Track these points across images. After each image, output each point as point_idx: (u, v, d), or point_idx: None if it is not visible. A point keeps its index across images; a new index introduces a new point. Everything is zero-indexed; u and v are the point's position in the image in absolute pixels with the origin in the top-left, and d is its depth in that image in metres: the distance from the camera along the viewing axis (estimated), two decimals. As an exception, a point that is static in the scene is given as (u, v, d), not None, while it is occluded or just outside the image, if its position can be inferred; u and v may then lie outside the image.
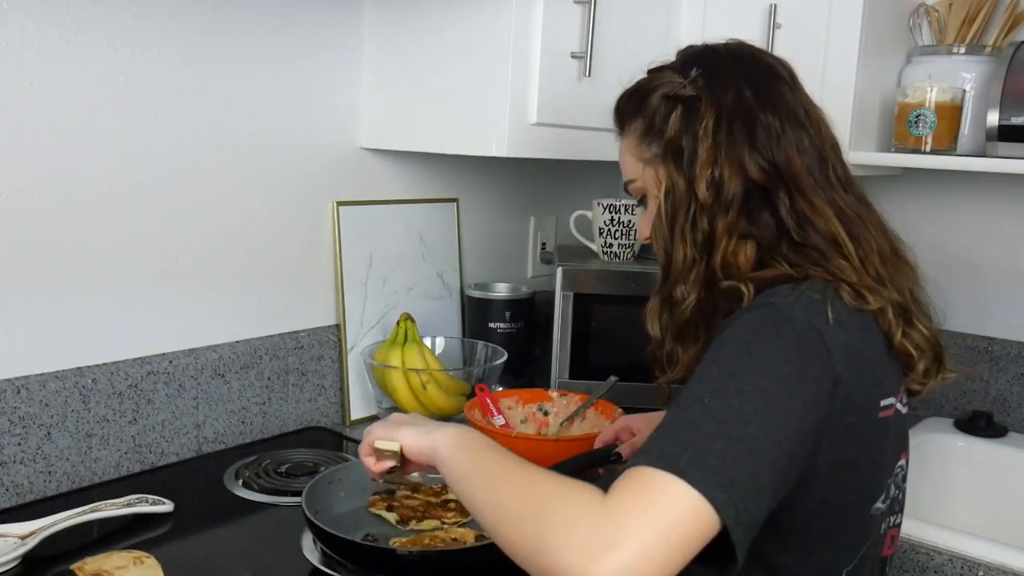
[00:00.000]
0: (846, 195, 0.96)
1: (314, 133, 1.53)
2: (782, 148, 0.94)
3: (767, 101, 0.96)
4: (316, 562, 1.07)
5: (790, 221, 0.93)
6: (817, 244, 0.92)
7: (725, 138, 0.94)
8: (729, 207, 0.94)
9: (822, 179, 0.95)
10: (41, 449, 1.22)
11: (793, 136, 0.95)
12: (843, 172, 0.98)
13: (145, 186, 1.32)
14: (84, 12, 1.21)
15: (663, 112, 0.99)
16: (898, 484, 0.96)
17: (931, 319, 0.97)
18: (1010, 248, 1.74)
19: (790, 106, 0.96)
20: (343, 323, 1.59)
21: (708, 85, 0.97)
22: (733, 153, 0.94)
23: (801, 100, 0.98)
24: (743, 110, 0.95)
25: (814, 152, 0.96)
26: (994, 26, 1.68)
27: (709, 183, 0.94)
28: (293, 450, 1.43)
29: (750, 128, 0.94)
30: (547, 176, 2.00)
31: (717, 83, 0.97)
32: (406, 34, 1.52)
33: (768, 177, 0.94)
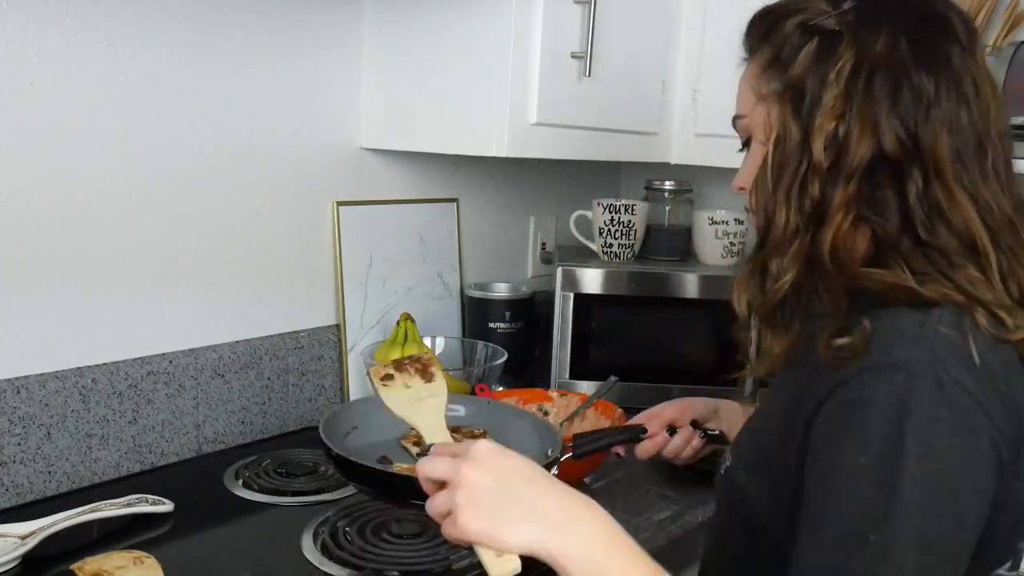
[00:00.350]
0: (1000, 194, 0.80)
1: (314, 133, 1.53)
2: (930, 119, 0.78)
3: (926, 58, 0.79)
4: (316, 562, 1.07)
5: (919, 211, 0.78)
6: (947, 246, 0.78)
7: (862, 90, 0.79)
8: (850, 177, 0.79)
9: (974, 168, 0.79)
10: (41, 449, 1.22)
11: (948, 108, 0.78)
12: (1004, 167, 0.82)
13: (145, 186, 1.32)
14: (84, 12, 1.21)
15: (795, 42, 0.83)
16: None
17: None
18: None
19: (955, 71, 0.79)
20: (343, 323, 1.59)
21: (858, 22, 0.81)
22: (867, 111, 0.78)
23: (972, 68, 0.81)
24: (893, 62, 0.79)
25: (972, 134, 0.79)
26: (994, 26, 1.68)
27: (829, 141, 0.79)
28: (293, 450, 1.43)
29: (895, 86, 0.78)
30: (547, 176, 2.00)
31: (870, 22, 0.80)
32: (406, 34, 1.52)
33: (904, 151, 0.78)
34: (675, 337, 1.68)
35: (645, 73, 1.64)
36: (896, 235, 0.79)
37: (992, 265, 0.78)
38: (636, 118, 1.62)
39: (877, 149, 0.78)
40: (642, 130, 1.65)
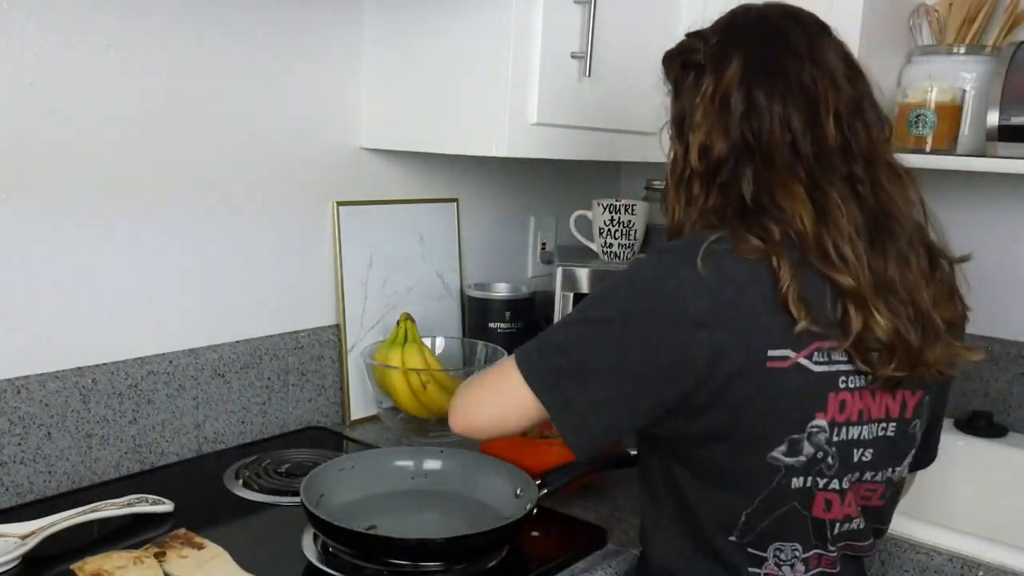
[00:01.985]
0: (835, 173, 0.97)
1: (314, 133, 1.53)
2: (765, 123, 0.97)
3: (764, 74, 0.98)
4: (316, 561, 1.07)
5: (749, 192, 0.97)
6: (770, 213, 0.96)
7: (718, 107, 0.99)
8: (715, 172, 1.00)
9: (809, 155, 0.96)
10: (41, 449, 1.22)
11: (781, 111, 0.97)
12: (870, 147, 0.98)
13: (145, 185, 1.31)
14: (84, 12, 1.21)
15: (680, 77, 1.07)
16: (818, 445, 0.95)
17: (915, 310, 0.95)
18: (1010, 248, 1.74)
19: (790, 81, 0.98)
20: (343, 323, 1.59)
21: (716, 54, 1.02)
22: (721, 122, 0.99)
23: (807, 74, 0.98)
24: (739, 82, 0.99)
25: (805, 127, 0.97)
26: (994, 26, 1.68)
27: (700, 149, 1.00)
28: (293, 450, 1.43)
29: (742, 100, 0.98)
30: (547, 176, 2.00)
31: (723, 53, 1.01)
32: (406, 34, 1.52)
33: (746, 147, 0.98)
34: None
35: (645, 73, 1.63)
36: (724, 209, 0.99)
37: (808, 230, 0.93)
38: (636, 118, 1.62)
39: (729, 150, 0.99)
40: (642, 130, 1.65)
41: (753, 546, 0.99)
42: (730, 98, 0.99)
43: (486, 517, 1.15)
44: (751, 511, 0.97)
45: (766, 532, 0.98)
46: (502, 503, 1.18)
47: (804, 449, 0.95)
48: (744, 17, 1.04)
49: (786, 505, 0.97)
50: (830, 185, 0.96)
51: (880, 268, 0.95)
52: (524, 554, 1.14)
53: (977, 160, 1.53)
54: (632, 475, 1.40)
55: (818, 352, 0.93)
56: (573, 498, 1.32)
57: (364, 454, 1.29)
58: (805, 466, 0.96)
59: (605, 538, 1.20)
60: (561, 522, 1.24)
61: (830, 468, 0.97)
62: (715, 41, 1.03)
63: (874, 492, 1.02)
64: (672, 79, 1.08)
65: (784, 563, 1.00)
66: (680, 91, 1.06)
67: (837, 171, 0.97)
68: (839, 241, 0.93)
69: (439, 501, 1.23)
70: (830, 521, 0.99)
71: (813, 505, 0.98)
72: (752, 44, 1.01)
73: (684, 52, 1.06)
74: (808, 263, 0.93)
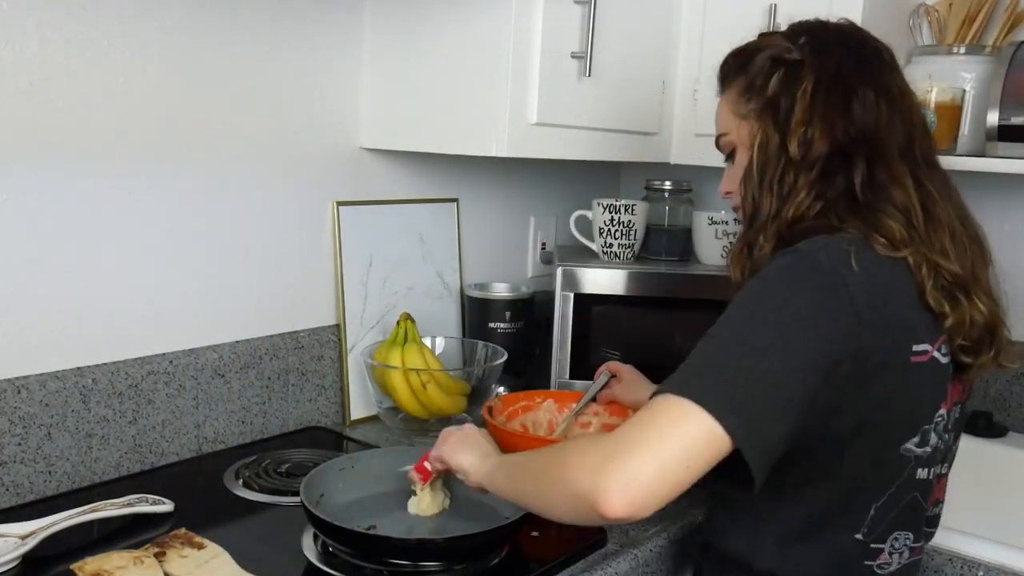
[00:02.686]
0: (931, 173, 1.03)
1: (314, 133, 1.53)
2: (872, 119, 1.01)
3: (865, 76, 1.02)
4: (316, 561, 1.07)
5: (863, 185, 0.99)
6: (883, 208, 0.98)
7: (822, 101, 1.01)
8: (813, 165, 1.01)
9: (908, 154, 1.01)
10: (41, 449, 1.22)
11: (885, 110, 1.01)
12: (930, 154, 1.05)
13: (145, 186, 1.32)
14: (84, 12, 1.21)
15: (766, 71, 1.06)
16: (939, 433, 1.00)
17: (996, 304, 1.03)
18: (1010, 248, 1.73)
19: (886, 84, 1.03)
20: (343, 323, 1.59)
21: (813, 52, 1.04)
22: (826, 116, 1.01)
23: (897, 82, 1.05)
24: (842, 79, 1.02)
25: (903, 129, 1.02)
26: (994, 26, 1.68)
27: (801, 141, 1.01)
28: (293, 450, 1.43)
29: (846, 96, 1.01)
30: (547, 176, 2.00)
31: (822, 52, 1.04)
32: (406, 34, 1.52)
33: (853, 142, 1.00)
34: (675, 337, 1.68)
35: (645, 73, 1.64)
36: (836, 202, 1.00)
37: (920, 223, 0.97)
38: (636, 118, 1.62)
39: (834, 143, 1.00)
40: (642, 130, 1.65)
41: (876, 540, 1.01)
42: (837, 94, 1.01)
43: (486, 517, 1.16)
44: (880, 504, 1.00)
45: (890, 523, 1.01)
46: (502, 503, 1.18)
47: (931, 439, 0.99)
48: (825, 25, 1.08)
49: (909, 495, 1.01)
50: (929, 181, 1.01)
51: (968, 263, 1.01)
52: (524, 554, 1.14)
53: (977, 160, 1.52)
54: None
55: (944, 344, 0.98)
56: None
57: (364, 454, 1.29)
58: (929, 456, 1.00)
59: (605, 538, 1.20)
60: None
61: (940, 454, 1.02)
62: (805, 40, 1.05)
63: (945, 477, 1.08)
64: (754, 73, 1.07)
65: (895, 551, 1.03)
66: (766, 84, 1.05)
67: (932, 170, 1.03)
68: (942, 234, 0.99)
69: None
70: (929, 507, 1.04)
71: (930, 494, 1.02)
72: (849, 46, 1.05)
73: (772, 47, 1.06)
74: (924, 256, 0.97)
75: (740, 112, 1.09)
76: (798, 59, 1.04)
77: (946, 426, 1.02)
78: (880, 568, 1.03)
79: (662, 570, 1.23)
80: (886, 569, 1.03)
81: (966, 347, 1.00)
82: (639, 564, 1.18)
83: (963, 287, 0.98)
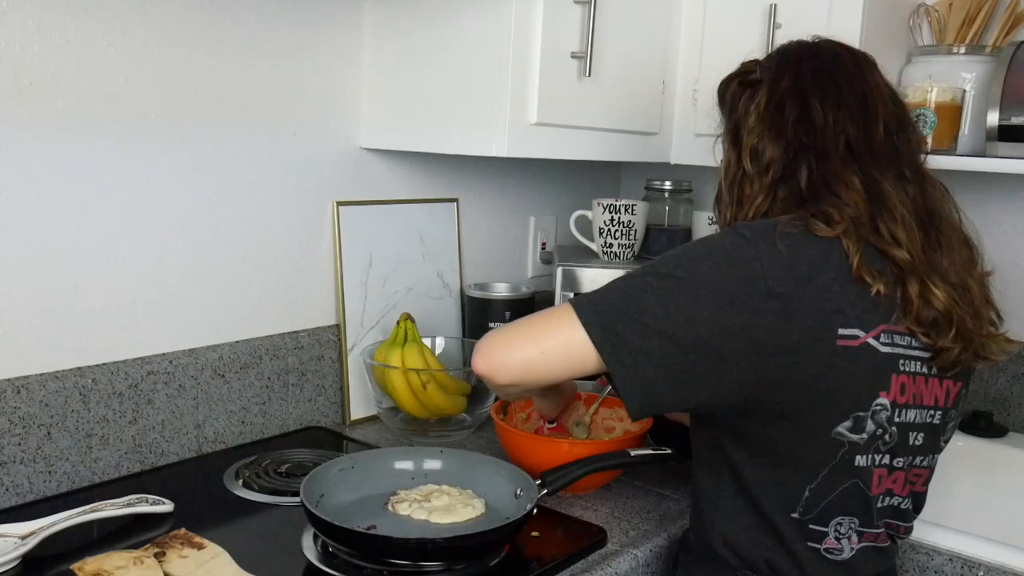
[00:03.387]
0: (886, 169, 1.04)
1: (314, 133, 1.53)
2: (819, 123, 1.05)
3: (818, 85, 1.07)
4: (316, 561, 1.07)
5: (807, 184, 1.04)
6: (828, 200, 1.01)
7: (772, 113, 1.07)
8: (767, 172, 1.06)
9: (862, 152, 1.04)
10: (41, 449, 1.22)
11: (834, 114, 1.05)
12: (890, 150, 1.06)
13: (145, 186, 1.32)
14: (84, 12, 1.21)
15: (736, 95, 1.13)
16: (880, 423, 1.00)
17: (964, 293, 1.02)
18: (1010, 248, 1.74)
19: (841, 90, 1.06)
20: (343, 323, 1.59)
21: (772, 71, 1.10)
22: (775, 126, 1.07)
23: (859, 87, 1.07)
24: (794, 92, 1.07)
25: (857, 130, 1.05)
26: (994, 26, 1.68)
27: (752, 152, 1.08)
28: (293, 450, 1.43)
29: (796, 106, 1.06)
30: (547, 176, 2.00)
31: (779, 69, 1.10)
32: (406, 34, 1.52)
33: (801, 147, 1.05)
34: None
35: (645, 73, 1.64)
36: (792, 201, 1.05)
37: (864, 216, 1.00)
38: (636, 118, 1.62)
39: (782, 150, 1.06)
40: (642, 130, 1.65)
41: (815, 522, 1.03)
42: (784, 105, 1.07)
43: (486, 517, 1.16)
44: (815, 486, 1.02)
45: (828, 507, 1.03)
46: (502, 503, 1.18)
47: (867, 427, 1.00)
48: (798, 45, 1.13)
49: (848, 481, 1.02)
50: (882, 178, 1.03)
51: (933, 255, 1.02)
52: (524, 554, 1.14)
53: (977, 160, 1.53)
54: (630, 472, 1.40)
55: (884, 333, 0.98)
56: (573, 498, 1.32)
57: (364, 454, 1.29)
58: (867, 443, 1.01)
59: (605, 538, 1.20)
60: (561, 522, 1.24)
61: (887, 445, 1.02)
62: (770, 63, 1.12)
63: (919, 477, 1.08)
64: (728, 98, 1.15)
65: (843, 536, 1.04)
66: (735, 107, 1.13)
67: (888, 169, 1.04)
68: (892, 225, 1.00)
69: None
70: (876, 496, 1.04)
71: (871, 481, 1.03)
72: (807, 63, 1.09)
73: (741, 73, 1.14)
74: (868, 242, 0.99)
75: (721, 135, 1.16)
76: (758, 79, 1.11)
77: (890, 418, 1.01)
78: (830, 553, 1.04)
79: (662, 570, 1.23)
80: (838, 555, 1.04)
81: (922, 331, 0.99)
82: (639, 564, 1.18)
83: (914, 272, 0.99)
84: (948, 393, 1.06)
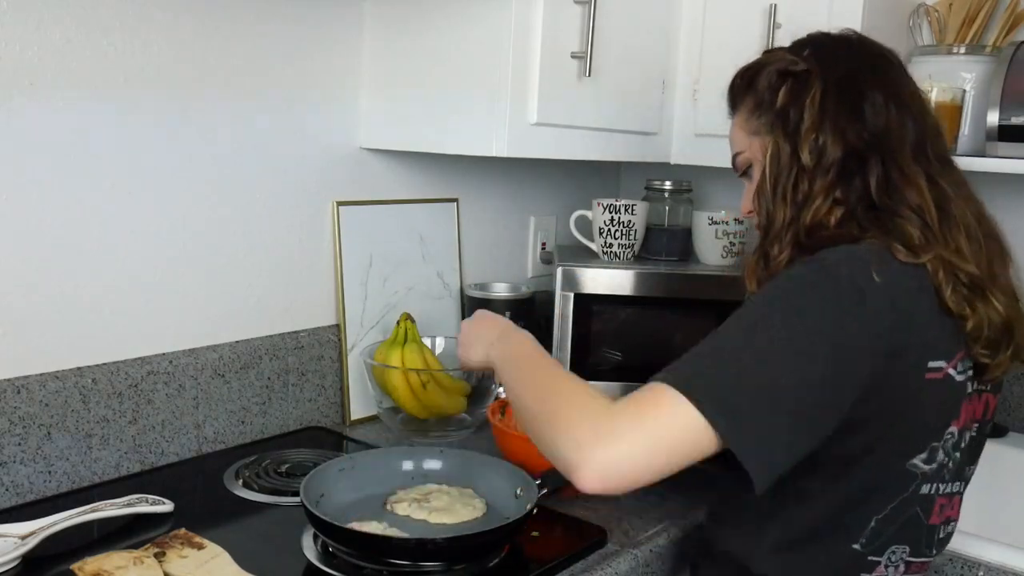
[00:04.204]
0: (943, 172, 1.02)
1: (314, 133, 1.53)
2: (883, 121, 1.01)
3: (874, 79, 1.03)
4: (316, 561, 1.07)
5: (878, 187, 0.99)
6: (900, 211, 0.98)
7: (832, 107, 1.02)
8: (828, 170, 1.01)
9: (920, 155, 1.01)
10: (41, 449, 1.22)
11: (895, 113, 1.01)
12: (943, 153, 1.05)
13: (145, 185, 1.32)
14: (84, 12, 1.21)
15: (774, 85, 1.06)
16: (948, 451, 0.99)
17: (1015, 300, 1.01)
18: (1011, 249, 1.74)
19: (895, 87, 1.03)
20: (343, 323, 1.59)
21: (819, 61, 1.05)
22: (837, 121, 1.01)
23: (906, 85, 1.05)
24: (850, 84, 1.02)
25: (914, 130, 1.02)
26: (994, 26, 1.68)
27: (812, 148, 1.01)
28: (293, 450, 1.43)
29: (855, 101, 1.01)
30: (547, 176, 2.00)
31: (828, 59, 1.05)
32: (406, 34, 1.52)
33: (866, 145, 1.00)
34: (675, 337, 1.68)
35: (645, 73, 1.64)
36: (857, 206, 1.00)
37: (935, 222, 0.97)
38: (636, 118, 1.62)
39: (847, 147, 1.01)
40: (642, 130, 1.65)
41: (874, 553, 1.00)
42: (847, 99, 1.02)
43: (486, 517, 1.15)
44: (881, 517, 0.99)
45: (889, 537, 1.00)
46: (502, 503, 1.18)
47: (939, 457, 0.98)
48: (828, 36, 1.09)
49: (911, 510, 1.00)
50: (943, 181, 1.01)
51: (987, 263, 1.00)
52: (524, 554, 1.14)
53: (977, 160, 1.52)
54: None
55: (960, 362, 0.97)
56: (573, 498, 1.32)
57: (364, 454, 1.29)
58: (935, 472, 0.99)
59: (605, 538, 1.20)
60: (561, 522, 1.24)
61: (951, 473, 1.01)
62: (809, 52, 1.07)
63: (962, 494, 1.06)
64: (762, 88, 1.08)
65: (891, 564, 1.02)
66: (774, 98, 1.06)
67: (943, 169, 1.03)
68: (957, 233, 0.98)
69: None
70: (937, 526, 1.02)
71: (932, 510, 1.01)
72: (854, 53, 1.06)
73: (777, 61, 1.08)
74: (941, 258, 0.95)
75: (752, 129, 1.09)
76: (804, 69, 1.04)
77: (956, 444, 1.00)
78: None
79: (662, 570, 1.23)
80: None
81: (984, 349, 0.98)
82: (639, 564, 1.18)
83: (979, 287, 0.97)
84: (987, 406, 1.04)
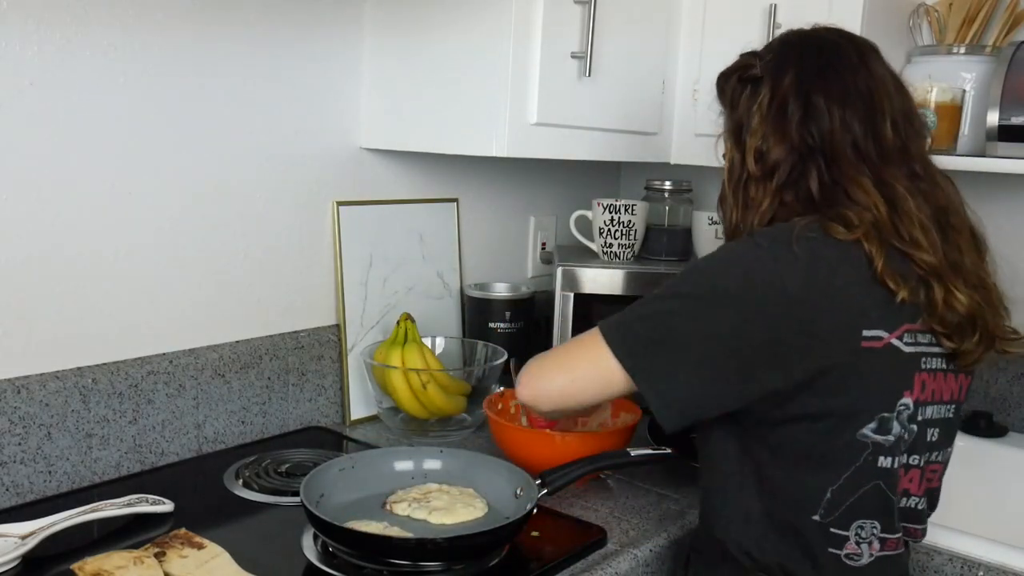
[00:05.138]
0: (898, 169, 1.03)
1: (314, 133, 1.53)
2: (826, 125, 1.03)
3: (821, 81, 1.05)
4: (316, 561, 1.07)
5: (819, 188, 1.03)
6: (844, 203, 1.00)
7: (776, 114, 1.05)
8: (772, 175, 1.05)
9: (872, 153, 1.03)
10: (41, 449, 1.22)
11: (841, 114, 1.03)
12: (898, 149, 1.05)
13: (145, 186, 1.32)
14: (84, 12, 1.21)
15: (737, 91, 1.11)
16: (903, 423, 1.01)
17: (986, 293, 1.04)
18: (1010, 248, 1.72)
19: (846, 88, 1.04)
20: (343, 323, 1.59)
21: (773, 67, 1.08)
22: (779, 127, 1.05)
23: (863, 82, 1.05)
24: (796, 90, 1.05)
25: (865, 130, 1.03)
26: (994, 26, 1.68)
27: (756, 154, 1.06)
28: (293, 450, 1.43)
29: (801, 105, 1.05)
30: (547, 176, 2.00)
31: (780, 65, 1.08)
32: (406, 34, 1.52)
33: (808, 149, 1.04)
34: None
35: (645, 73, 1.64)
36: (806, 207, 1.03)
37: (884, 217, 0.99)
38: (636, 118, 1.62)
39: (789, 152, 1.04)
40: (642, 130, 1.65)
41: (836, 525, 1.03)
42: (788, 104, 1.05)
43: (486, 517, 1.16)
44: (836, 488, 1.01)
45: (850, 510, 1.02)
46: (502, 503, 1.18)
47: (893, 428, 1.01)
48: (798, 35, 1.12)
49: (870, 483, 1.02)
50: (894, 179, 1.02)
51: (952, 254, 1.02)
52: (524, 554, 1.14)
53: (977, 160, 1.53)
54: (631, 472, 1.40)
55: (908, 333, 0.99)
56: (573, 498, 1.32)
57: (364, 454, 1.29)
58: (892, 445, 1.01)
59: (605, 538, 1.20)
60: (561, 522, 1.24)
61: (906, 444, 1.03)
62: (770, 56, 1.10)
63: (936, 473, 1.09)
64: (728, 94, 1.13)
65: (863, 540, 1.04)
66: (736, 104, 1.11)
67: (899, 168, 1.04)
68: (911, 227, 1.00)
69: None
70: (897, 498, 1.04)
71: (897, 484, 1.03)
72: (807, 56, 1.08)
73: (740, 68, 1.12)
74: (890, 245, 0.98)
75: (725, 133, 1.15)
76: (758, 75, 1.09)
77: (911, 416, 1.02)
78: (850, 559, 1.03)
79: (662, 570, 1.23)
80: (857, 561, 1.03)
81: (946, 333, 1.00)
82: (639, 564, 1.18)
83: (937, 276, 0.99)
84: (961, 387, 1.07)
